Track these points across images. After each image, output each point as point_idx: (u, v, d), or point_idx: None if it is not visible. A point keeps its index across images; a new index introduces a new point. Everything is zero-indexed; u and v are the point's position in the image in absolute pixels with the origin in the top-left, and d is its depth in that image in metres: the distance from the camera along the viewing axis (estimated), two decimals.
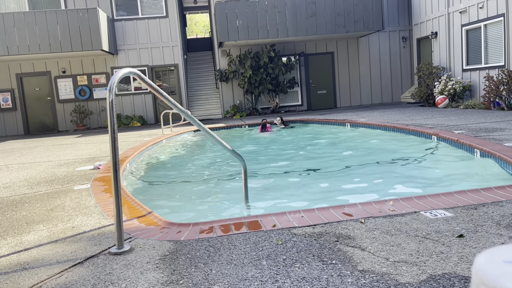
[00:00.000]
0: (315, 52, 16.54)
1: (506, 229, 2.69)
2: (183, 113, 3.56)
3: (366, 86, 16.94)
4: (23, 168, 6.83)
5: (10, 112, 15.57)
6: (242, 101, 16.36)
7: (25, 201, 4.44)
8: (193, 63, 17.78)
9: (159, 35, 15.78)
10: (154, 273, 2.38)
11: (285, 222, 3.11)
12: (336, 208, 3.35)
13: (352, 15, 14.58)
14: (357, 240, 2.66)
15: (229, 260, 2.50)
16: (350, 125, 10.35)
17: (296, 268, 2.32)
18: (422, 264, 2.27)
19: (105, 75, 15.77)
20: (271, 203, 4.52)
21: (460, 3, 12.99)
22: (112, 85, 2.73)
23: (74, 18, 13.44)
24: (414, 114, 11.02)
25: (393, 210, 3.20)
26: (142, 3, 15.68)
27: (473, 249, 2.42)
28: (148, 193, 5.38)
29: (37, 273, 2.51)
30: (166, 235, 3.03)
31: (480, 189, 3.58)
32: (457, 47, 13.39)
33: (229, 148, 4.08)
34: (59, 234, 3.24)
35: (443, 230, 2.74)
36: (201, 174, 6.46)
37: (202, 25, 39.60)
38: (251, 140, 9.93)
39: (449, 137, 6.58)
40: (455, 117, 9.35)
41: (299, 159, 7.06)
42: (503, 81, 10.34)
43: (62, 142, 10.88)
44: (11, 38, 13.25)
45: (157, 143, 9.42)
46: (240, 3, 14.23)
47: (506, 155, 4.81)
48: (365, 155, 6.81)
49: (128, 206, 3.90)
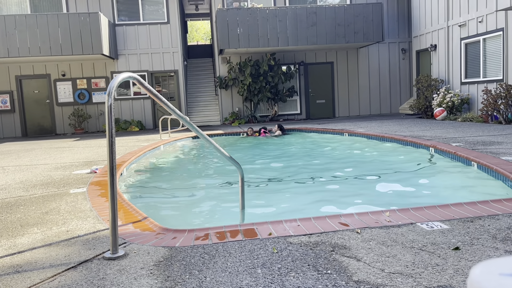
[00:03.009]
0: (315, 61, 16.61)
1: (502, 242, 2.68)
2: (181, 119, 3.56)
3: (365, 96, 17.00)
4: (20, 171, 6.80)
5: (8, 114, 15.54)
6: (241, 108, 16.38)
7: (20, 204, 4.42)
8: (193, 69, 17.83)
9: (160, 40, 15.84)
10: (148, 279, 2.37)
11: (281, 231, 3.09)
12: (332, 218, 3.34)
13: (352, 26, 14.67)
14: (353, 251, 2.65)
15: (224, 267, 2.49)
16: (348, 135, 10.36)
17: (291, 277, 2.31)
18: (417, 276, 2.26)
19: (105, 79, 15.79)
20: (267, 211, 4.51)
21: (460, 17, 13.09)
22: (111, 89, 2.73)
23: (75, 21, 13.49)
24: (412, 125, 11.05)
25: (389, 221, 3.20)
26: (144, 9, 15.75)
27: (469, 262, 2.42)
28: (144, 198, 5.36)
29: (30, 276, 2.49)
30: (161, 241, 3.01)
31: (476, 202, 3.57)
32: (456, 60, 13.48)
33: (227, 155, 4.07)
34: (53, 237, 3.22)
35: (439, 242, 2.74)
36: (198, 180, 6.45)
37: (203, 32, 39.78)
38: (249, 147, 9.93)
39: (447, 150, 6.59)
40: (453, 130, 9.38)
41: (296, 167, 7.06)
42: (501, 95, 10.39)
43: (60, 145, 10.86)
44: (12, 40, 13.27)
45: (155, 148, 9.41)
46: (242, 11, 14.31)
47: (503, 169, 4.82)
48: (362, 165, 6.81)
49: (124, 211, 3.88)
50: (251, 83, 15.50)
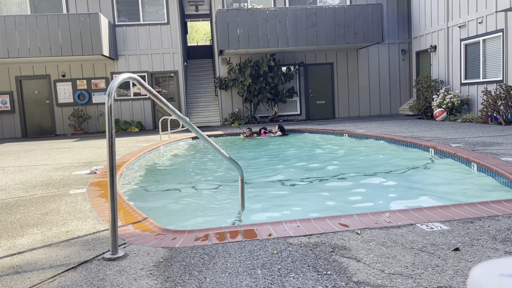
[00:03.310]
0: (315, 62, 16.62)
1: (502, 243, 2.68)
2: (181, 120, 3.56)
3: (364, 97, 17.01)
4: (19, 171, 6.80)
5: (8, 115, 15.54)
6: (241, 109, 16.38)
7: (20, 204, 4.42)
8: (193, 70, 17.84)
9: (160, 41, 15.85)
10: (148, 280, 2.37)
11: (281, 231, 3.09)
12: (332, 219, 3.34)
13: (352, 27, 14.68)
14: (353, 251, 2.65)
15: (224, 268, 2.49)
16: (348, 136, 10.36)
17: (291, 278, 2.31)
18: (417, 276, 2.26)
19: (105, 80, 15.79)
20: (267, 212, 4.50)
21: (460, 18, 13.10)
22: (111, 90, 2.73)
23: (75, 22, 13.49)
24: (412, 126, 11.05)
25: (389, 222, 3.20)
26: (144, 10, 15.76)
27: (469, 263, 2.42)
28: (144, 199, 5.36)
29: (30, 277, 2.49)
30: (161, 242, 3.01)
31: (476, 203, 3.57)
32: (456, 61, 13.49)
33: (227, 156, 4.07)
34: (53, 238, 3.22)
35: (439, 243, 2.74)
36: (197, 181, 6.45)
37: (203, 33, 39.80)
38: (249, 148, 9.93)
39: (447, 150, 6.59)
40: (453, 131, 9.38)
41: (296, 168, 7.06)
42: (501, 95, 10.40)
43: (60, 146, 10.86)
44: (12, 40, 13.28)
45: (155, 149, 9.41)
46: (241, 12, 14.32)
47: (503, 170, 4.82)
48: (362, 166, 6.81)
49: (124, 212, 3.88)
50: (251, 83, 15.50)
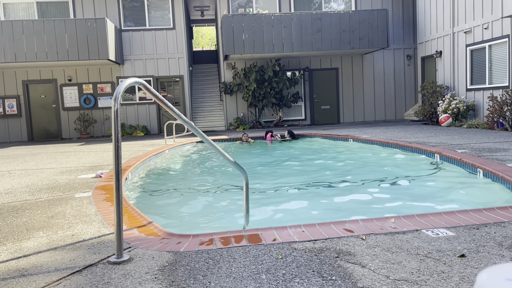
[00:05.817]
0: (320, 67, 16.63)
1: (508, 250, 2.67)
2: (187, 124, 3.57)
3: (369, 102, 16.99)
4: (26, 175, 6.84)
5: (15, 119, 15.66)
6: (246, 114, 16.41)
7: (26, 208, 4.44)
8: (198, 75, 17.91)
9: (166, 46, 15.93)
10: (153, 284, 2.37)
11: (286, 236, 3.09)
12: (337, 224, 3.33)
13: (357, 32, 14.70)
14: (358, 257, 2.64)
15: (228, 273, 2.49)
16: (352, 141, 10.35)
17: (295, 283, 2.30)
18: (423, 283, 2.25)
19: (111, 84, 15.89)
20: (272, 217, 4.50)
21: (465, 23, 13.08)
22: (117, 94, 2.75)
23: (82, 27, 13.61)
24: (417, 132, 11.01)
25: (394, 228, 3.18)
26: (150, 15, 15.87)
27: (475, 270, 2.40)
28: (149, 203, 5.37)
29: (35, 280, 2.50)
30: (166, 246, 3.01)
31: (482, 209, 3.55)
32: (462, 67, 13.45)
33: (232, 160, 4.08)
34: (59, 241, 3.23)
35: (444, 249, 2.72)
36: (202, 185, 6.45)
37: (208, 38, 39.96)
38: (254, 153, 9.93)
39: (452, 156, 6.56)
40: (458, 136, 9.34)
41: (301, 173, 7.05)
42: (507, 101, 10.35)
43: (65, 150, 10.91)
44: (19, 45, 13.41)
45: (160, 153, 9.43)
46: (247, 17, 14.38)
47: (509, 176, 4.79)
48: (367, 172, 6.79)
49: (129, 216, 3.89)
50: (256, 88, 15.53)
